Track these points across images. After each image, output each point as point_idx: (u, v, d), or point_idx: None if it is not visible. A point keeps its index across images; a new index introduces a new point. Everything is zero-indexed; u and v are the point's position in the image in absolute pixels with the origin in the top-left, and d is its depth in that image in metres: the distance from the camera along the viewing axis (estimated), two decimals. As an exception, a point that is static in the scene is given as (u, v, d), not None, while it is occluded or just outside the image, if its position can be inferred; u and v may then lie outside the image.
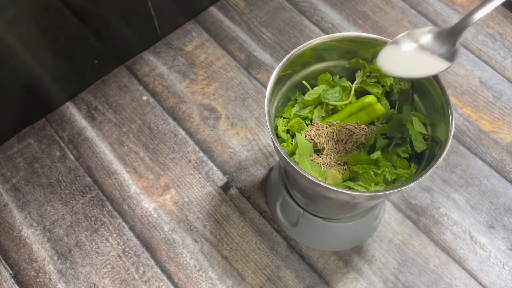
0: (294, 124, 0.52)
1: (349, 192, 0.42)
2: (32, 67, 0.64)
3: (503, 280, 0.60)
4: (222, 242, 0.63)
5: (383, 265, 0.61)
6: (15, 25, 0.58)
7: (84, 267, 0.61)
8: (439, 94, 0.47)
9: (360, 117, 0.52)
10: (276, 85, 0.49)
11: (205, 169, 0.67)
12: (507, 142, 0.69)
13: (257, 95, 0.73)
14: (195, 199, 0.65)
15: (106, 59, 0.73)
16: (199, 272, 0.61)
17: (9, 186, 0.66)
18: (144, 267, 0.61)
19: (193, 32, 0.79)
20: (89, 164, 0.68)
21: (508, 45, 0.78)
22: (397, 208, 0.65)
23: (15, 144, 0.69)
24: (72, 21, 0.63)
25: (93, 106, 0.72)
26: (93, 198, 0.65)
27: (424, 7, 0.81)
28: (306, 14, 0.80)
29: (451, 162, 0.68)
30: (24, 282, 0.60)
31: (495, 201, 0.65)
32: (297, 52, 0.49)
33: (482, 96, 0.73)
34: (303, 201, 0.56)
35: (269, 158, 0.68)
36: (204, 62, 0.76)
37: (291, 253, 0.62)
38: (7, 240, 0.63)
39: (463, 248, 0.62)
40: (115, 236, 0.63)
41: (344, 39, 0.50)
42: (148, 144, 0.69)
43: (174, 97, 0.73)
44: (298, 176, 0.45)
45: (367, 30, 0.79)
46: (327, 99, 0.52)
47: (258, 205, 0.65)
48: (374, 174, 0.48)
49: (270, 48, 0.77)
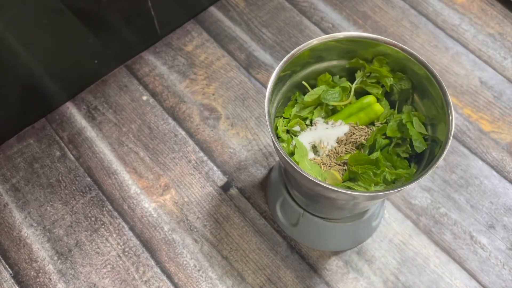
0: (294, 125, 0.52)
1: (349, 192, 0.42)
2: (32, 67, 0.64)
3: (503, 280, 0.60)
4: (222, 242, 0.62)
5: (383, 265, 0.61)
6: (15, 25, 0.58)
7: (84, 267, 0.61)
8: (439, 94, 0.47)
9: (360, 117, 0.52)
10: (276, 85, 0.49)
11: (205, 169, 0.67)
12: (507, 142, 0.69)
13: (257, 95, 0.73)
14: (195, 199, 0.65)
15: (106, 59, 0.73)
16: (199, 272, 0.61)
17: (9, 186, 0.66)
18: (144, 267, 0.61)
19: (193, 32, 0.79)
20: (89, 164, 0.68)
21: (508, 45, 0.78)
22: (397, 208, 0.65)
23: (15, 144, 0.69)
24: (72, 21, 0.63)
25: (93, 106, 0.72)
26: (93, 198, 0.65)
27: (424, 7, 0.81)
28: (306, 14, 0.80)
29: (451, 162, 0.68)
30: (24, 282, 0.60)
31: (495, 201, 0.65)
32: (297, 52, 0.49)
33: (482, 96, 0.73)
34: (303, 201, 0.56)
35: (269, 158, 0.68)
36: (204, 62, 0.76)
37: (291, 253, 0.62)
38: (7, 240, 0.63)
39: (463, 248, 0.62)
40: (115, 236, 0.63)
41: (344, 39, 0.50)
42: (148, 144, 0.69)
43: (174, 97, 0.73)
44: (298, 176, 0.45)
45: (367, 30, 0.79)
46: (327, 99, 0.52)
47: (258, 205, 0.65)
48: (374, 174, 0.48)
49: (270, 48, 0.77)
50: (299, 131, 0.52)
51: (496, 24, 0.80)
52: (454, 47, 0.77)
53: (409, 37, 0.78)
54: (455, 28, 0.79)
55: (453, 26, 0.79)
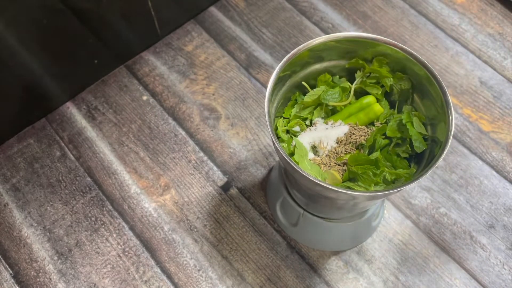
0: (293, 125, 0.52)
1: (349, 192, 0.42)
2: (32, 67, 0.64)
3: (503, 280, 0.60)
4: (222, 242, 0.63)
5: (383, 265, 0.61)
6: (15, 25, 0.58)
7: (84, 267, 0.61)
8: (439, 94, 0.47)
9: (359, 117, 0.52)
10: (276, 85, 0.49)
11: (205, 169, 0.67)
12: (507, 142, 0.69)
13: (257, 95, 0.73)
14: (195, 199, 0.65)
15: (106, 59, 0.73)
16: (199, 272, 0.61)
17: (9, 186, 0.66)
18: (144, 267, 0.61)
19: (193, 32, 0.79)
20: (89, 164, 0.68)
21: (508, 45, 0.78)
22: (397, 208, 0.65)
23: (15, 144, 0.69)
24: (72, 21, 0.63)
25: (93, 106, 0.72)
26: (93, 198, 0.65)
27: (424, 7, 0.81)
28: (306, 14, 0.80)
29: (451, 162, 0.68)
30: (24, 282, 0.60)
31: (495, 201, 0.65)
32: (297, 53, 0.49)
33: (482, 96, 0.73)
34: (303, 201, 0.56)
35: (269, 158, 0.68)
36: (204, 62, 0.76)
37: (291, 253, 0.62)
38: (7, 240, 0.63)
39: (463, 248, 0.62)
40: (115, 236, 0.63)
41: (343, 39, 0.50)
42: (148, 144, 0.69)
43: (174, 97, 0.73)
44: (298, 176, 0.45)
45: (367, 30, 0.79)
46: (327, 100, 0.52)
47: (258, 205, 0.65)
48: (373, 174, 0.48)
49: (270, 48, 0.77)
50: (299, 131, 0.52)
51: (496, 24, 0.80)
52: (454, 47, 0.77)
53: (409, 37, 0.78)
54: (455, 28, 0.79)
55: (453, 26, 0.79)
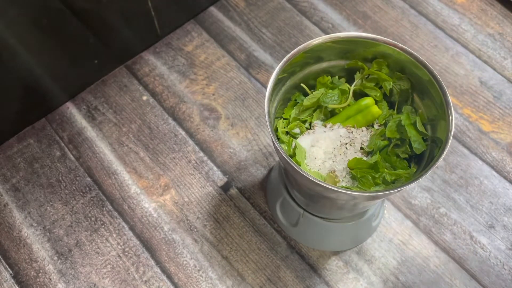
0: (293, 127, 0.52)
1: (349, 192, 0.42)
2: (32, 67, 0.64)
3: (503, 280, 0.60)
4: (222, 242, 0.63)
5: (383, 265, 0.61)
6: (15, 25, 0.58)
7: (84, 267, 0.61)
8: (439, 94, 0.47)
9: (357, 120, 0.52)
10: (276, 85, 0.49)
11: (205, 169, 0.67)
12: (507, 142, 0.69)
13: (257, 95, 0.73)
14: (195, 199, 0.65)
15: (106, 59, 0.73)
16: (199, 272, 0.61)
17: (9, 186, 0.66)
18: (144, 267, 0.61)
19: (193, 32, 0.79)
20: (89, 164, 0.68)
21: (508, 45, 0.78)
22: (397, 208, 0.65)
23: (15, 144, 0.69)
24: (72, 21, 0.63)
25: (93, 106, 0.72)
26: (93, 198, 0.65)
27: (424, 7, 0.81)
28: (306, 14, 0.80)
29: (451, 162, 0.68)
30: (24, 282, 0.60)
31: (495, 201, 0.65)
32: (297, 53, 0.49)
33: (482, 96, 0.73)
34: (303, 201, 0.57)
35: (269, 158, 0.68)
36: (204, 62, 0.76)
37: (291, 253, 0.62)
38: (7, 240, 0.63)
39: (463, 248, 0.62)
40: (115, 236, 0.63)
41: (343, 39, 0.50)
42: (148, 144, 0.69)
43: (174, 97, 0.73)
44: (299, 176, 0.45)
45: (367, 30, 0.79)
46: (326, 102, 0.52)
47: (258, 205, 0.65)
48: (372, 178, 0.48)
49: (270, 48, 0.77)
50: (299, 133, 0.52)
51: (496, 24, 0.80)
52: (454, 47, 0.77)
53: (409, 37, 0.78)
54: (455, 28, 0.79)
55: (453, 26, 0.79)
